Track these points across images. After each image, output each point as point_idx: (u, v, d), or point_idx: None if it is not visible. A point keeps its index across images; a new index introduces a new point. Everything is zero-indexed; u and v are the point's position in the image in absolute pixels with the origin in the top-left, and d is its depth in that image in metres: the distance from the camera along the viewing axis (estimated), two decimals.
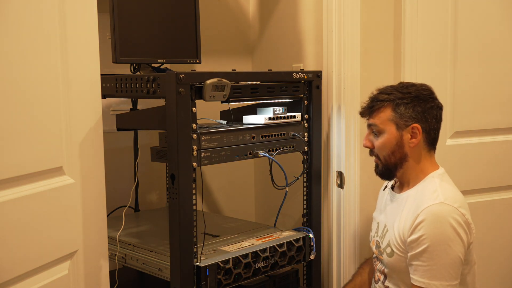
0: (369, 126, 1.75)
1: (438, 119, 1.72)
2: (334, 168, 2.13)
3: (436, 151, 2.11)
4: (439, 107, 1.72)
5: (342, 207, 2.12)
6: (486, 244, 2.19)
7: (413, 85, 1.73)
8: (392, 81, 2.10)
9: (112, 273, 1.88)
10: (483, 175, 2.21)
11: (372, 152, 1.77)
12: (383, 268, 1.75)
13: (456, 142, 2.16)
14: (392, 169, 1.73)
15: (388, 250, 1.70)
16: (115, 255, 1.94)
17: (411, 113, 1.68)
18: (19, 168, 1.32)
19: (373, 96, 1.75)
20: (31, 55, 1.35)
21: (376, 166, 1.77)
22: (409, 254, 1.61)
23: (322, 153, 2.13)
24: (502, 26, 2.18)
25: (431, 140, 1.72)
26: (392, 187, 1.82)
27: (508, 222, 2.26)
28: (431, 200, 1.61)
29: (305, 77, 2.01)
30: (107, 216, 1.70)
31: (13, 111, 1.29)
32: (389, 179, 1.80)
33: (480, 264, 1.71)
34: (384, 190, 1.88)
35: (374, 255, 1.83)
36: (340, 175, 2.11)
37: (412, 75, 2.08)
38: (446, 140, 2.14)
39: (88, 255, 1.56)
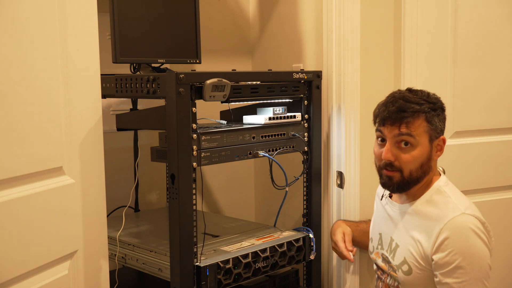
0: (399, 135, 1.59)
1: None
2: (334, 168, 2.13)
3: None
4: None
5: (342, 207, 2.12)
6: None
7: (430, 93, 1.66)
8: (392, 81, 2.11)
9: (112, 273, 1.89)
10: (483, 175, 2.21)
11: (391, 166, 1.62)
12: (396, 284, 1.70)
13: (456, 142, 2.16)
14: (414, 183, 1.62)
15: (405, 268, 1.64)
16: (115, 255, 1.94)
17: (442, 126, 1.63)
18: (19, 168, 1.32)
19: (399, 104, 1.60)
20: (31, 55, 1.35)
21: (390, 179, 1.63)
22: (437, 273, 1.55)
23: (322, 153, 2.13)
24: (502, 26, 2.18)
25: None
26: (390, 196, 1.77)
27: (508, 222, 2.26)
28: (451, 212, 1.56)
29: (305, 77, 2.01)
30: (107, 216, 1.70)
31: (13, 111, 1.29)
32: (404, 191, 1.67)
33: None
34: (381, 199, 1.81)
35: (376, 267, 1.80)
36: (340, 175, 2.11)
37: (412, 75, 2.08)
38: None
39: (88, 255, 1.56)
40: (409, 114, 1.58)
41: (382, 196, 1.80)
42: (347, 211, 2.10)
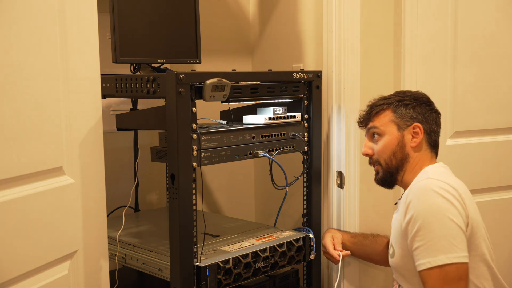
0: (369, 130, 1.74)
1: (438, 124, 1.72)
2: (334, 168, 2.13)
3: None
4: (437, 113, 1.73)
5: (342, 207, 2.12)
6: None
7: (409, 91, 1.76)
8: (392, 81, 2.11)
9: (112, 273, 1.89)
10: (483, 175, 2.21)
11: (371, 160, 1.74)
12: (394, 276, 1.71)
13: (456, 142, 2.16)
14: (394, 172, 1.69)
15: (391, 251, 1.68)
16: (115, 255, 1.94)
17: (411, 113, 1.69)
18: (19, 168, 1.32)
19: (370, 103, 1.76)
20: (31, 55, 1.35)
21: (376, 173, 1.74)
22: (408, 242, 1.54)
23: (322, 153, 2.13)
24: (502, 26, 2.18)
25: (433, 142, 1.71)
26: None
27: (508, 222, 2.26)
28: (418, 180, 1.60)
29: (305, 77, 2.01)
30: (107, 216, 1.70)
31: (13, 111, 1.29)
32: (390, 186, 1.74)
33: None
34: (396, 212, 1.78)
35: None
36: (340, 175, 2.11)
37: (412, 75, 2.08)
38: (446, 140, 2.14)
39: (88, 255, 1.56)
40: (375, 108, 1.72)
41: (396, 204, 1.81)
42: (347, 211, 2.10)
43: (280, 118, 1.95)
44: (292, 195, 2.18)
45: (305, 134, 2.04)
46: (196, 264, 1.70)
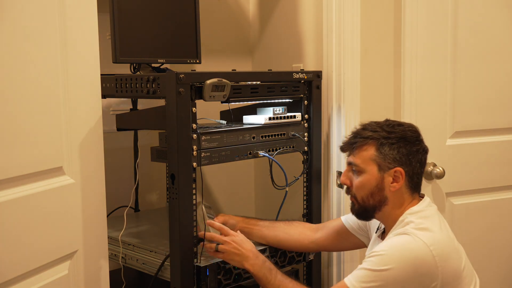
0: (349, 163, 1.63)
1: (422, 164, 1.61)
2: (334, 168, 2.13)
3: (436, 151, 2.12)
4: (425, 151, 1.61)
5: (342, 207, 2.12)
6: (486, 244, 2.20)
7: (400, 124, 1.62)
8: (392, 81, 2.11)
9: (115, 272, 1.89)
10: (483, 175, 2.21)
11: (348, 191, 1.65)
12: None
13: (456, 142, 2.16)
14: (370, 210, 1.61)
15: None
16: (115, 255, 1.94)
17: (395, 155, 1.56)
18: (19, 168, 1.32)
19: (356, 131, 1.64)
20: (31, 55, 1.35)
21: (352, 205, 1.64)
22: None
23: (322, 153, 2.13)
24: (502, 26, 2.18)
25: (414, 185, 1.60)
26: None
27: (508, 222, 2.26)
28: (397, 233, 1.52)
29: (305, 77, 2.01)
30: (107, 216, 1.70)
31: (13, 111, 1.29)
32: (366, 219, 1.69)
33: (480, 264, 1.71)
34: (376, 232, 1.74)
35: None
36: (340, 175, 2.11)
37: (412, 75, 2.08)
38: (446, 140, 2.14)
39: (88, 255, 1.56)
40: (359, 141, 1.60)
41: (377, 229, 1.73)
42: (347, 211, 2.09)
43: (280, 118, 1.95)
44: (292, 195, 2.18)
45: (305, 134, 2.04)
46: (196, 264, 1.70)
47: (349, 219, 1.85)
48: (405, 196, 1.59)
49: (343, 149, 1.66)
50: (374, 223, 1.76)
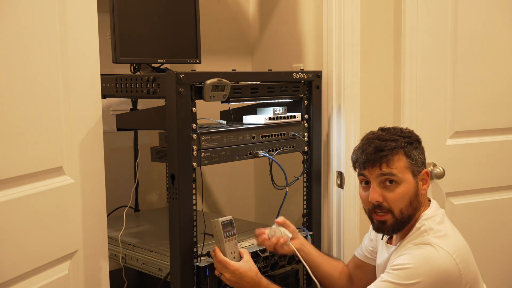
0: (381, 175, 1.54)
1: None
2: (334, 168, 2.13)
3: (436, 151, 2.12)
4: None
5: (342, 207, 2.12)
6: (486, 244, 2.20)
7: (405, 128, 1.63)
8: (392, 81, 2.11)
9: (116, 272, 1.89)
10: (483, 175, 2.21)
11: (380, 208, 1.55)
12: None
13: (456, 142, 2.16)
14: (406, 222, 1.56)
15: None
16: (115, 255, 1.94)
17: (422, 158, 1.58)
18: (19, 168, 1.32)
19: (376, 145, 1.56)
20: (31, 55, 1.35)
21: (383, 223, 1.56)
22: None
23: (322, 153, 2.13)
24: (502, 26, 2.18)
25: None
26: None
27: (508, 222, 2.26)
28: (418, 243, 1.51)
29: (305, 77, 2.01)
30: (107, 216, 1.70)
31: (13, 111, 1.29)
32: (394, 233, 1.62)
33: (480, 264, 1.71)
34: (382, 239, 1.71)
35: None
36: (340, 175, 2.11)
37: (412, 75, 2.08)
38: (446, 140, 2.14)
39: (88, 255, 1.56)
40: (387, 152, 1.55)
41: (383, 236, 1.68)
42: (347, 211, 2.10)
43: (280, 118, 1.95)
44: (292, 195, 2.18)
45: (305, 134, 2.04)
46: (196, 264, 1.70)
47: (359, 250, 1.85)
48: (426, 198, 1.62)
49: (367, 163, 1.56)
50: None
